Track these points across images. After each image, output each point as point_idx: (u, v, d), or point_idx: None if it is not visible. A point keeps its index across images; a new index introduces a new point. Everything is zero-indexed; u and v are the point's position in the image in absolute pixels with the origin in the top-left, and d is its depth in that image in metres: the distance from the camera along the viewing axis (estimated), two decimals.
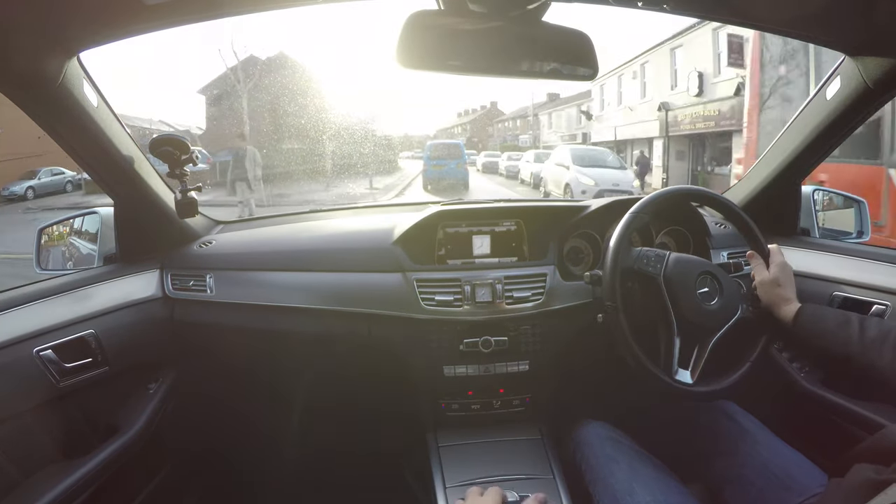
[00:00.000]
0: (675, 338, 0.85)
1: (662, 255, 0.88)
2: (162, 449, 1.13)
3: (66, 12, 0.66)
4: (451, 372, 1.04)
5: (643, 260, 0.88)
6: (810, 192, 1.21)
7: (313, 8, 0.78)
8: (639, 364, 0.82)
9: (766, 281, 0.87)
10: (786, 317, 0.85)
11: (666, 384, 0.82)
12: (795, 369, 1.05)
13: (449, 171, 9.03)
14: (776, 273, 0.87)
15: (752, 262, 0.91)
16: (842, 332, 0.78)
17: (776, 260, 0.89)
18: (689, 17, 0.80)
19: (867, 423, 0.88)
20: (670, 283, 0.85)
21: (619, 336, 0.84)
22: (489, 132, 34.24)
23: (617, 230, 0.88)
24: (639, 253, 0.89)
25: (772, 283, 0.87)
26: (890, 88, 0.86)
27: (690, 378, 0.84)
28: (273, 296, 1.07)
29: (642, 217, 0.90)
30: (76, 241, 1.13)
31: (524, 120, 27.60)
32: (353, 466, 1.37)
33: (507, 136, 29.61)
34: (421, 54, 0.68)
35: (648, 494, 0.76)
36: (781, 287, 0.86)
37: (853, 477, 0.63)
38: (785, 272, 0.88)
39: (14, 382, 0.80)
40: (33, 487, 0.79)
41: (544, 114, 23.79)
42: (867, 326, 0.77)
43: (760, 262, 0.90)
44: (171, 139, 0.96)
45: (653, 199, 0.92)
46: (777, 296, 0.86)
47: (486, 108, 36.03)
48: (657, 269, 0.86)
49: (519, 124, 29.00)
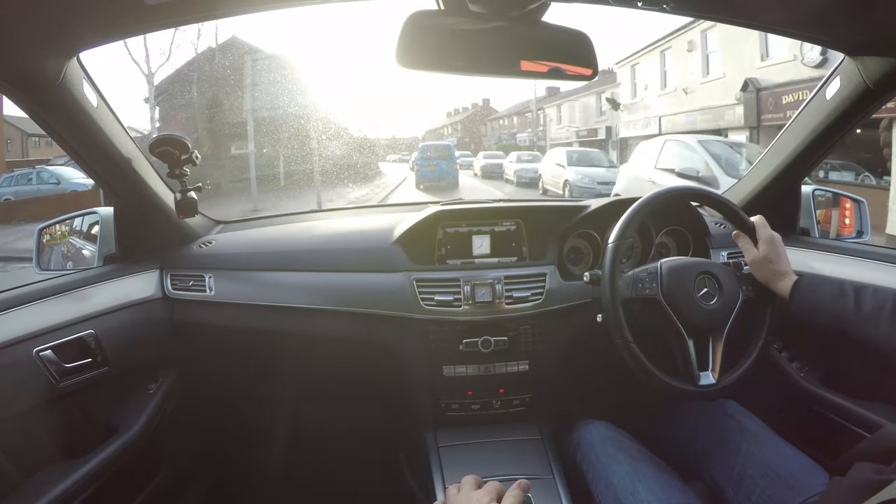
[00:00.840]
0: (688, 345, 0.85)
1: (654, 270, 0.87)
2: (162, 449, 1.13)
3: (66, 12, 0.66)
4: (450, 372, 1.04)
5: (638, 284, 0.87)
6: (810, 192, 1.21)
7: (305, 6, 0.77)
8: (664, 385, 0.83)
9: (756, 259, 0.86)
10: (783, 291, 0.84)
11: (694, 394, 0.83)
12: (795, 369, 1.05)
13: (440, 170, 9.67)
14: (765, 249, 0.86)
15: (739, 243, 0.90)
16: (837, 304, 0.78)
17: (763, 235, 0.87)
18: (689, 18, 0.80)
19: (867, 423, 0.88)
20: (670, 297, 0.85)
21: (636, 366, 0.83)
22: (482, 131, 31.69)
23: (606, 262, 0.87)
24: (632, 277, 0.88)
25: (763, 261, 0.86)
26: (890, 88, 0.86)
27: (714, 378, 0.84)
28: (273, 296, 1.07)
29: (626, 241, 0.89)
30: (76, 241, 1.13)
31: (522, 117, 25.14)
32: (353, 466, 1.37)
33: (502, 134, 27.43)
34: (421, 54, 0.68)
35: (651, 494, 0.76)
36: (773, 262, 0.85)
37: (853, 476, 0.63)
38: (774, 246, 0.86)
39: (14, 382, 0.80)
40: (33, 487, 0.79)
41: (551, 107, 20.33)
42: (863, 298, 0.77)
43: (747, 241, 0.88)
44: (171, 139, 0.96)
45: (649, 200, 0.91)
46: (771, 271, 0.85)
47: (479, 107, 33.44)
48: (654, 288, 0.85)
49: (516, 122, 26.51)
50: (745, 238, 0.89)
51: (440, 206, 1.15)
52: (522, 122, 25.06)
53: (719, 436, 0.87)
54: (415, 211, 1.16)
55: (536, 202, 1.55)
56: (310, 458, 1.41)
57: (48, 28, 0.67)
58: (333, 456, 1.40)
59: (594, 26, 0.97)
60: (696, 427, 0.91)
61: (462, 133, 33.29)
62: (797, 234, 1.20)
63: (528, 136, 23.30)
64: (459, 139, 31.39)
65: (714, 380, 0.84)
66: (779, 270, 0.85)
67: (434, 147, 10.26)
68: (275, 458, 1.42)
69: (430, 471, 0.99)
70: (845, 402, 0.94)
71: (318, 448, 1.42)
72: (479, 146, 27.97)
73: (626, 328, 0.83)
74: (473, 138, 31.61)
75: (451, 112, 36.77)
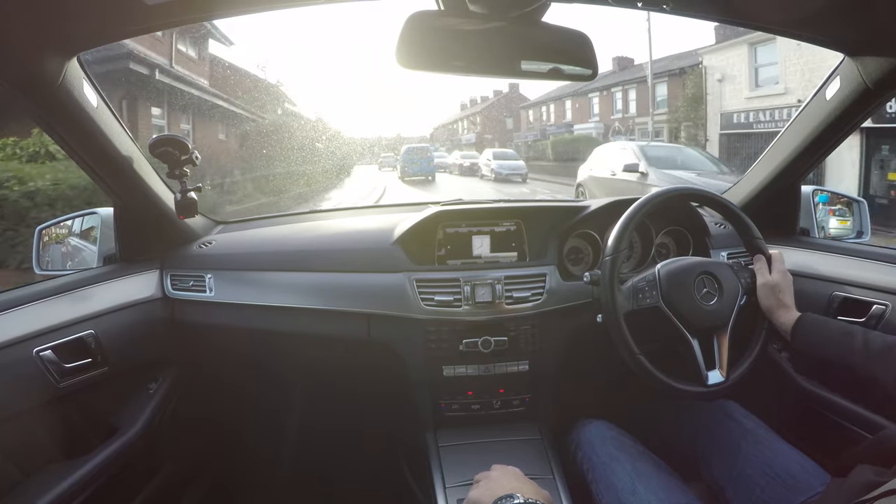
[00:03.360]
0: (692, 345, 0.85)
1: (652, 278, 0.87)
2: (162, 449, 1.13)
3: (66, 12, 0.66)
4: (450, 372, 1.04)
5: (638, 295, 0.87)
6: (810, 192, 1.21)
7: None
8: (677, 391, 0.84)
9: (767, 284, 0.87)
10: (784, 323, 0.85)
11: (706, 395, 0.84)
12: (795, 369, 1.05)
13: (422, 168, 12.64)
14: (778, 279, 0.87)
15: (756, 265, 0.91)
16: (844, 342, 0.77)
17: (779, 267, 0.89)
18: (689, 18, 0.80)
19: (867, 423, 0.88)
20: (671, 303, 0.85)
21: (647, 377, 0.84)
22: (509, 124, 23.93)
23: (605, 277, 0.87)
24: (631, 289, 0.88)
25: (773, 288, 0.87)
26: (890, 88, 0.86)
27: (722, 376, 0.85)
28: (273, 296, 1.07)
29: (622, 253, 0.89)
30: (76, 241, 1.13)
31: (583, 98, 16.74)
32: (353, 466, 1.37)
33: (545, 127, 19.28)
34: (421, 55, 0.68)
35: (651, 493, 0.76)
36: (782, 293, 0.87)
37: (854, 478, 0.63)
38: (786, 280, 0.88)
39: (14, 382, 0.79)
40: (33, 487, 0.79)
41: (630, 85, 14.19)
42: (871, 337, 0.76)
43: (764, 265, 0.89)
44: (171, 139, 0.96)
45: (647, 201, 0.91)
46: (777, 301, 0.86)
47: (504, 94, 24.86)
48: (654, 296, 0.86)
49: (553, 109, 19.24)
50: (762, 262, 0.90)
51: (440, 206, 1.15)
52: (583, 109, 17.11)
53: (719, 436, 0.87)
54: (415, 211, 1.16)
55: (536, 202, 1.55)
56: (310, 457, 1.41)
57: (48, 28, 0.67)
58: (333, 455, 1.40)
59: (594, 26, 0.96)
60: (696, 427, 0.91)
61: (483, 127, 25.42)
62: (797, 234, 1.20)
63: (593, 126, 16.01)
64: (478, 135, 24.88)
65: (723, 378, 0.84)
66: (784, 302, 0.86)
67: (416, 149, 12.94)
68: (275, 457, 1.42)
69: (430, 471, 0.99)
70: (845, 403, 0.94)
71: (318, 447, 1.42)
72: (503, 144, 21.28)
73: (632, 342, 0.84)
74: (498, 133, 24.12)
75: (467, 104, 28.88)
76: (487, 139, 23.43)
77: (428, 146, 13.82)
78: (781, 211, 1.19)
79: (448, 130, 29.75)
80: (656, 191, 0.94)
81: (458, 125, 28.86)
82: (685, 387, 0.84)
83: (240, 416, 1.32)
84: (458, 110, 29.57)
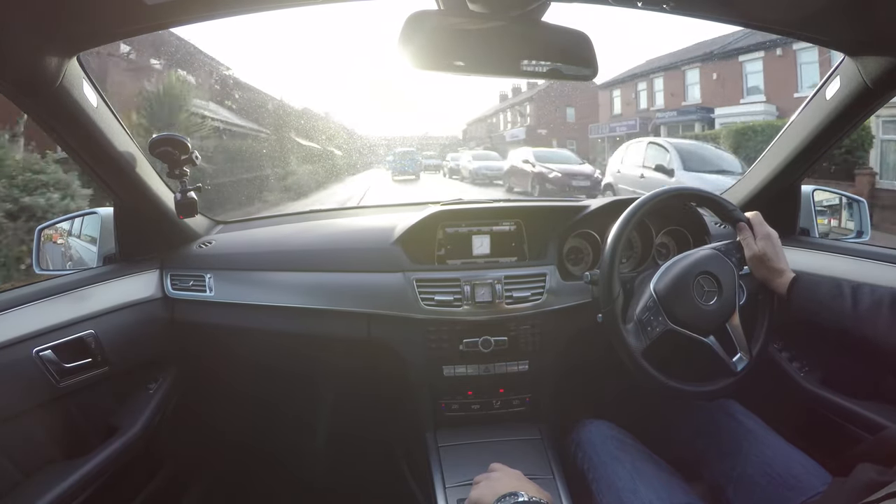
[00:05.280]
0: (711, 344, 0.86)
1: (653, 303, 0.85)
2: (162, 449, 1.13)
3: (66, 12, 0.66)
4: (450, 372, 1.04)
5: (647, 329, 0.85)
6: (810, 192, 1.21)
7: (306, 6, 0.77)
8: (714, 394, 0.86)
9: (755, 256, 0.87)
10: (780, 289, 0.84)
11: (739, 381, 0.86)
12: (795, 369, 1.05)
13: (407, 167, 14.23)
14: (763, 246, 0.86)
15: (740, 236, 0.90)
16: (835, 304, 0.79)
17: (760, 232, 0.87)
18: (689, 18, 0.80)
19: (867, 423, 0.88)
20: (678, 319, 0.85)
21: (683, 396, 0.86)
22: (569, 116, 17.74)
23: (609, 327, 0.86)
24: (636, 325, 0.85)
25: (761, 258, 0.86)
26: (890, 88, 0.86)
27: (746, 358, 0.87)
28: (273, 296, 1.07)
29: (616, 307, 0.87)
30: (76, 241, 1.13)
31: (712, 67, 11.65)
32: (353, 466, 1.37)
33: (650, 115, 13.94)
34: (421, 54, 0.68)
35: (652, 493, 0.76)
36: (771, 259, 0.85)
37: (856, 477, 0.63)
38: (770, 244, 0.86)
39: (14, 382, 0.79)
40: (33, 487, 0.79)
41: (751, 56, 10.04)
42: (860, 297, 0.77)
43: (748, 235, 0.88)
44: (171, 139, 0.96)
45: (646, 201, 0.91)
46: (768, 269, 0.86)
47: None
48: (662, 322, 0.84)
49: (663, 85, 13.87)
50: (746, 231, 0.89)
51: (440, 206, 1.15)
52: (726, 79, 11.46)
53: (720, 436, 0.87)
54: (415, 211, 1.16)
55: (536, 202, 1.55)
56: (309, 457, 1.41)
57: (48, 28, 0.67)
58: (333, 455, 1.40)
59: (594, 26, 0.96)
60: (696, 427, 0.91)
61: (535, 120, 18.75)
62: (797, 234, 1.20)
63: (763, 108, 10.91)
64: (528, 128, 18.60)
65: (747, 359, 0.86)
66: (776, 268, 0.85)
67: (404, 153, 14.58)
68: (274, 457, 1.42)
69: (430, 471, 0.99)
70: (845, 403, 0.94)
71: (317, 447, 1.42)
72: (562, 142, 16.17)
73: (657, 374, 0.84)
74: (552, 128, 17.86)
75: (507, 94, 21.83)
76: (541, 135, 17.44)
77: (413, 150, 15.35)
78: (781, 211, 1.19)
79: (487, 126, 23.25)
80: (655, 191, 0.93)
81: (497, 119, 22.46)
82: (719, 385, 0.85)
83: (239, 416, 1.32)
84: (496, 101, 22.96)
